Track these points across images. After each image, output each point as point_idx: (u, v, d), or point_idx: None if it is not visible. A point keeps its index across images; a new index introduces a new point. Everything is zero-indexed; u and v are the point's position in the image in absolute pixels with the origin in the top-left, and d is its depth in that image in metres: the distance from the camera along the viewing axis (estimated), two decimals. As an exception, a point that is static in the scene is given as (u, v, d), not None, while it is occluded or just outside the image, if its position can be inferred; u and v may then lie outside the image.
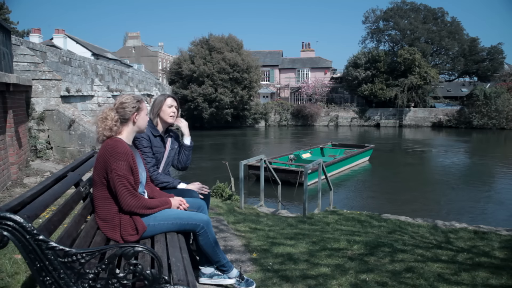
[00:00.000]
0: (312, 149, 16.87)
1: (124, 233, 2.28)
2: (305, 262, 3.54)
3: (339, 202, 9.49)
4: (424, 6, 44.83)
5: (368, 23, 46.56)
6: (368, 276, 3.22)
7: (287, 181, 10.50)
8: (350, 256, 3.79)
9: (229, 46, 35.89)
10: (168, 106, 3.13)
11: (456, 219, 7.44)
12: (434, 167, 17.96)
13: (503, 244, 4.93)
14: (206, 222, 2.58)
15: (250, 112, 38.87)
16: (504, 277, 3.42)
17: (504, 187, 13.00)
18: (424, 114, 41.89)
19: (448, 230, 5.69)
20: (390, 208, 9.26)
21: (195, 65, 34.63)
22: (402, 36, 43.68)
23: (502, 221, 8.49)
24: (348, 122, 42.96)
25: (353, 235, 4.74)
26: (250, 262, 3.47)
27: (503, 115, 37.08)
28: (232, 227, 4.76)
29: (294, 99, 47.28)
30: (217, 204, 6.41)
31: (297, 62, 50.27)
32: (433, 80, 40.31)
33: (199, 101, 34.39)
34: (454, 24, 44.42)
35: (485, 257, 4.13)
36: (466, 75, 48.22)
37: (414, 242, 4.71)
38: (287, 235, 4.61)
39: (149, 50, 62.98)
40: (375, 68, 41.02)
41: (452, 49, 43.70)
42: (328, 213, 6.68)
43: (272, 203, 8.81)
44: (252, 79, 35.95)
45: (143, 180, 2.54)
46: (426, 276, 3.30)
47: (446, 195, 11.59)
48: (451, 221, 6.62)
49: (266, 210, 7.31)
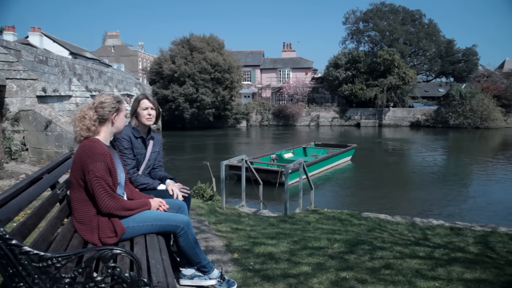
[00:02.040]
0: (295, 149, 16.96)
1: (102, 236, 2.25)
2: (286, 261, 3.56)
3: (320, 201, 9.58)
4: (403, 8, 45.77)
5: (348, 24, 47.23)
6: (348, 274, 3.27)
7: (268, 181, 10.52)
8: (331, 254, 3.83)
9: (211, 46, 35.74)
10: (143, 108, 3.06)
11: (434, 216, 7.63)
12: (413, 166, 18.34)
13: (477, 239, 5.08)
14: (186, 223, 2.56)
15: (232, 112, 38.81)
16: (478, 271, 3.53)
17: (478, 184, 13.40)
18: (403, 114, 42.77)
19: (426, 227, 5.82)
20: (370, 206, 9.41)
21: (176, 65, 34.34)
22: (382, 37, 44.46)
23: (477, 217, 8.74)
24: (329, 122, 43.43)
25: (334, 234, 4.79)
26: (231, 263, 3.46)
27: (478, 115, 38.17)
28: (213, 228, 4.75)
29: (275, 99, 47.47)
30: (198, 204, 6.37)
31: (278, 62, 50.49)
32: (412, 80, 41.21)
33: (180, 101, 34.12)
34: (431, 26, 45.51)
35: (460, 252, 4.25)
36: (443, 75, 49.49)
37: (393, 240, 4.80)
38: (269, 234, 4.62)
39: (129, 50, 62.08)
40: (355, 68, 41.62)
41: (429, 50, 44.79)
42: (309, 212, 6.73)
43: (253, 203, 8.82)
44: (233, 79, 35.91)
45: (122, 182, 2.51)
46: (404, 273, 3.37)
47: (425, 193, 11.84)
48: (428, 218, 6.77)
49: (247, 210, 7.32)
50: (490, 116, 38.39)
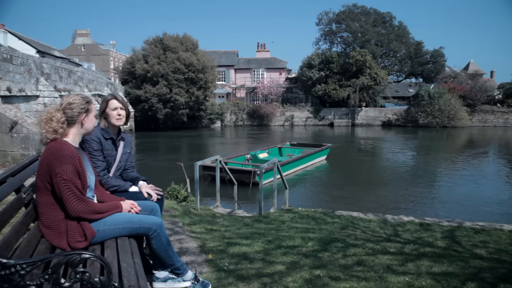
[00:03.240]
0: (270, 149, 17.01)
1: (71, 240, 2.18)
2: (261, 260, 3.58)
3: (295, 200, 9.66)
4: (374, 10, 46.87)
5: (321, 25, 47.91)
6: (321, 272, 3.31)
7: (243, 181, 10.52)
8: (305, 253, 3.87)
9: (184, 46, 35.39)
10: (112, 109, 3.00)
11: (404, 213, 7.82)
12: (385, 164, 18.80)
13: (444, 234, 5.26)
14: (159, 225, 2.53)
15: (206, 113, 38.58)
16: (445, 264, 3.66)
17: (446, 181, 13.88)
18: (375, 114, 43.80)
19: (397, 224, 5.97)
20: (344, 204, 9.57)
21: (149, 64, 33.81)
22: (354, 38, 45.35)
23: (445, 212, 9.05)
24: (303, 121, 43.90)
25: (308, 232, 4.85)
26: (206, 264, 3.45)
27: (445, 114, 39.60)
28: (187, 229, 4.71)
29: (249, 99, 47.54)
30: (172, 206, 6.29)
31: (252, 63, 50.59)
32: (383, 81, 42.27)
33: (154, 101, 33.62)
34: (401, 28, 46.82)
35: (429, 247, 4.39)
36: (412, 76, 51.11)
37: (365, 237, 4.90)
38: (243, 234, 4.63)
39: (100, 49, 60.63)
40: (329, 69, 42.26)
41: (400, 51, 46.09)
42: (284, 212, 6.77)
43: (228, 204, 8.80)
44: (207, 79, 35.70)
45: (91, 184, 2.45)
46: (376, 269, 3.45)
47: (396, 190, 12.16)
48: (399, 215, 6.94)
49: (222, 210, 7.29)
50: (457, 115, 39.93)
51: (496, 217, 8.35)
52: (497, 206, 10.15)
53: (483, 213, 9.03)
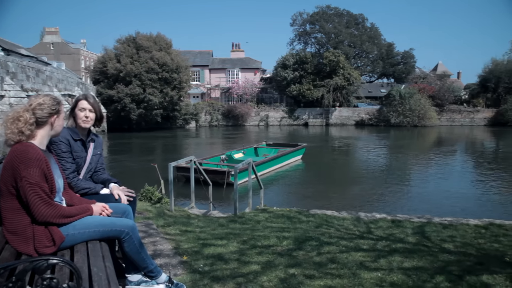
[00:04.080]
0: (246, 149, 17.01)
1: (38, 246, 2.11)
2: (236, 261, 3.58)
3: (270, 200, 9.71)
4: (347, 12, 47.73)
5: (295, 25, 48.39)
6: (296, 270, 3.34)
7: (217, 181, 10.48)
8: (280, 252, 3.90)
9: (158, 45, 34.90)
10: (80, 109, 2.92)
11: (377, 210, 8.01)
12: (359, 163, 19.16)
13: (415, 230, 5.42)
14: (131, 227, 2.48)
15: (181, 113, 38.20)
16: (416, 259, 3.77)
17: (417, 178, 14.29)
18: (348, 113, 44.63)
19: (370, 221, 6.10)
20: (319, 203, 9.68)
21: (122, 64, 33.14)
22: (327, 39, 46.02)
23: (416, 209, 9.30)
24: (278, 121, 44.17)
25: (283, 232, 4.88)
26: (180, 266, 3.42)
27: (416, 114, 40.83)
28: (161, 231, 4.65)
29: (224, 100, 47.42)
30: (146, 208, 6.20)
31: (227, 63, 50.46)
32: (356, 81, 43.12)
33: (127, 101, 32.97)
34: (373, 29, 47.91)
35: (400, 243, 4.51)
36: (384, 77, 52.43)
37: (339, 234, 4.98)
38: (218, 235, 4.61)
39: (70, 47, 58.96)
40: (303, 69, 42.71)
41: (372, 52, 47.14)
42: (259, 212, 6.79)
43: (203, 204, 8.75)
44: (182, 79, 35.35)
45: (60, 188, 2.37)
46: (350, 266, 3.51)
47: (370, 188, 12.41)
48: (372, 212, 7.10)
49: (197, 211, 7.23)
50: (426, 115, 41.25)
51: (463, 212, 8.66)
52: (464, 201, 10.53)
53: (451, 209, 9.34)
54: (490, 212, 9.22)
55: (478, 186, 12.94)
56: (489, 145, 27.48)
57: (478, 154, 22.21)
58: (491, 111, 45.17)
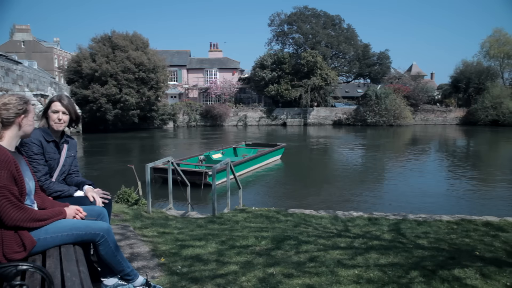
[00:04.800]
0: (224, 149, 16.94)
1: (7, 251, 2.03)
2: (215, 261, 3.56)
3: (249, 200, 9.70)
4: (324, 13, 48.26)
5: (273, 26, 48.59)
6: (275, 270, 3.36)
7: (195, 182, 10.40)
8: (258, 251, 3.90)
9: (134, 45, 34.35)
10: (53, 111, 2.83)
11: (354, 209, 8.14)
12: (337, 162, 19.41)
13: (391, 227, 5.54)
14: (106, 230, 2.43)
15: (158, 113, 37.73)
16: (391, 256, 3.85)
17: (393, 176, 14.60)
18: (326, 113, 45.19)
19: (347, 219, 6.19)
20: (297, 203, 9.76)
21: (97, 63, 32.42)
22: (305, 40, 46.43)
23: (391, 206, 9.51)
24: (256, 121, 44.26)
25: (261, 231, 4.89)
26: (158, 268, 3.38)
27: (391, 113, 41.78)
28: (139, 233, 4.58)
29: (202, 100, 47.15)
30: (122, 210, 6.08)
31: (205, 62, 50.18)
32: (333, 81, 43.68)
33: (102, 101, 32.28)
34: (350, 30, 48.65)
35: (376, 240, 4.60)
36: (361, 77, 53.38)
37: (317, 233, 5.03)
38: (197, 236, 4.58)
39: (43, 46, 57.27)
40: (281, 69, 42.96)
41: (349, 53, 47.86)
42: (238, 212, 6.78)
43: (181, 206, 8.67)
44: (159, 79, 34.90)
45: (31, 190, 2.30)
46: (327, 264, 3.55)
47: (347, 187, 12.60)
48: (349, 210, 7.21)
49: (175, 212, 7.16)
50: (402, 114, 42.27)
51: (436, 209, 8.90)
52: (438, 198, 10.84)
53: (425, 206, 9.59)
54: (462, 208, 9.53)
55: (450, 183, 13.34)
56: (460, 144, 28.39)
57: (451, 152, 22.90)
58: (462, 111, 46.72)
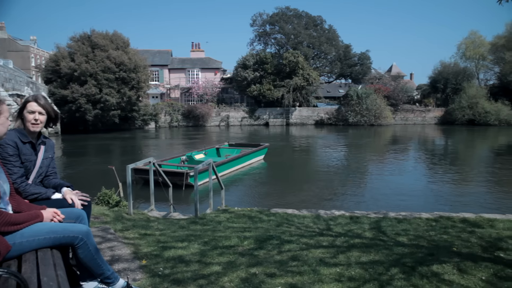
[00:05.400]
0: (207, 150, 16.86)
1: (-19, 256, 1.97)
2: (197, 262, 3.54)
3: (232, 200, 9.68)
4: (306, 13, 48.62)
5: (255, 26, 48.70)
6: (257, 269, 3.36)
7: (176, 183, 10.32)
8: (241, 252, 3.90)
9: (115, 44, 33.82)
10: (29, 112, 2.76)
11: (336, 208, 8.22)
12: (319, 161, 19.57)
13: (372, 225, 5.62)
14: (85, 233, 2.38)
15: (139, 114, 37.25)
16: (372, 253, 3.91)
17: (374, 175, 14.82)
18: (308, 113, 45.53)
19: (329, 218, 6.26)
20: (280, 202, 9.80)
21: (76, 63, 31.79)
22: (287, 40, 46.67)
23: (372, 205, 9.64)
24: (238, 121, 44.23)
25: (244, 232, 4.89)
26: (139, 270, 3.33)
27: (372, 113, 42.43)
28: (120, 235, 4.51)
29: (184, 100, 46.82)
30: (103, 212, 5.99)
31: (187, 62, 49.83)
32: (315, 81, 44.07)
33: (82, 102, 31.65)
34: (331, 31, 49.15)
35: (358, 239, 4.65)
36: (342, 77, 54.00)
37: (299, 232, 5.06)
38: (179, 237, 4.54)
39: (18, 44, 55.75)
40: (263, 69, 43.05)
41: (330, 53, 48.36)
42: (220, 212, 6.77)
43: (163, 207, 8.58)
44: (140, 79, 34.47)
45: (5, 193, 2.23)
46: (310, 262, 3.57)
47: (329, 186, 12.71)
48: (331, 209, 7.28)
49: (157, 214, 7.08)
50: (382, 114, 42.99)
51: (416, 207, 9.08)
52: (417, 196, 11.05)
53: (405, 204, 9.77)
54: (440, 205, 9.74)
55: (430, 181, 13.63)
56: (439, 143, 29.04)
57: (429, 151, 23.40)
58: (440, 111, 47.84)
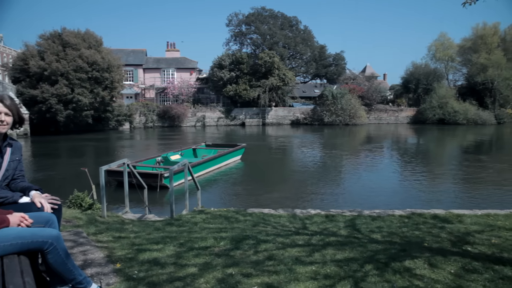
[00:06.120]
0: (183, 150, 16.70)
1: None
2: (173, 265, 3.50)
3: (208, 201, 9.63)
4: (281, 14, 48.98)
5: (231, 26, 48.67)
6: (234, 270, 3.35)
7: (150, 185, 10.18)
8: (217, 252, 3.88)
9: (87, 43, 32.99)
10: None
11: (312, 206, 8.32)
12: (295, 161, 19.73)
13: (347, 223, 5.72)
14: (55, 237, 2.31)
15: (113, 114, 36.47)
16: (347, 251, 3.97)
17: (349, 173, 15.09)
18: (284, 113, 45.86)
19: (305, 217, 6.32)
20: (256, 202, 9.82)
21: (46, 62, 30.79)
22: (263, 40, 46.84)
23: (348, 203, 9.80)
24: (214, 122, 44.06)
25: (220, 232, 4.87)
26: (113, 274, 3.26)
27: (347, 113, 43.19)
28: (93, 239, 4.40)
29: (160, 100, 46.22)
30: (75, 215, 5.83)
31: (162, 62, 49.21)
32: (291, 81, 44.43)
33: (53, 102, 30.69)
34: (306, 32, 49.70)
35: (333, 237, 4.72)
36: (317, 77, 54.70)
37: (275, 232, 5.09)
38: (154, 239, 4.47)
39: (-17, 43, 53.54)
40: (239, 69, 43.05)
41: (305, 54, 48.89)
42: (196, 213, 6.72)
43: (139, 209, 8.45)
44: (114, 79, 33.76)
45: (-31, 197, 2.14)
46: (286, 261, 3.60)
47: (305, 185, 12.83)
48: (307, 208, 7.35)
49: (132, 216, 6.95)
50: (357, 114, 43.84)
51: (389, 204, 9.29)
52: (391, 193, 11.34)
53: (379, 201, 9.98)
54: (414, 202, 10.01)
55: (403, 179, 13.99)
56: (411, 142, 29.85)
57: (403, 150, 24.03)
58: (412, 110, 49.22)
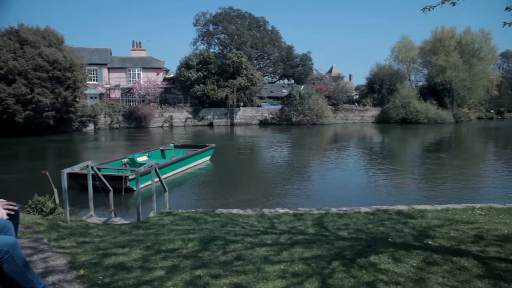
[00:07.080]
0: (151, 152, 16.37)
1: None
2: (139, 268, 3.43)
3: (176, 203, 9.48)
4: (249, 14, 49.07)
5: (199, 25, 48.24)
6: (202, 271, 3.33)
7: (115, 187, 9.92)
8: (185, 254, 3.84)
9: (47, 41, 31.67)
10: None
11: (280, 206, 8.38)
12: (263, 160, 19.82)
13: (315, 221, 5.81)
14: (11, 245, 2.21)
15: (76, 115, 35.21)
16: (315, 249, 4.04)
17: (317, 172, 15.33)
18: (252, 113, 46.02)
19: (273, 216, 6.36)
20: (225, 203, 9.78)
21: (2, 59, 29.31)
22: (231, 40, 46.76)
23: (315, 201, 9.96)
24: (182, 122, 43.56)
25: (188, 234, 4.82)
26: (76, 281, 3.15)
27: (314, 113, 43.95)
28: (54, 245, 4.23)
29: (125, 100, 45.11)
30: (35, 221, 5.59)
31: (127, 62, 48.05)
32: (258, 81, 44.63)
33: (10, 102, 29.24)
34: (274, 32, 50.08)
35: (301, 235, 4.78)
36: (285, 77, 55.27)
37: (244, 232, 5.09)
38: (120, 243, 4.36)
39: None
40: (207, 69, 42.77)
41: (273, 54, 49.26)
42: (164, 215, 6.61)
43: (104, 212, 8.21)
44: (76, 79, 32.60)
45: None
46: (254, 261, 3.61)
47: (274, 184, 12.91)
48: (276, 208, 7.40)
49: (97, 220, 6.75)
50: (324, 113, 44.70)
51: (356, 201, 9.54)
52: (357, 191, 11.61)
53: (346, 199, 10.22)
54: (379, 199, 10.32)
55: (368, 177, 14.38)
56: (376, 140, 30.75)
57: (368, 148, 24.69)
58: (377, 110, 50.76)
